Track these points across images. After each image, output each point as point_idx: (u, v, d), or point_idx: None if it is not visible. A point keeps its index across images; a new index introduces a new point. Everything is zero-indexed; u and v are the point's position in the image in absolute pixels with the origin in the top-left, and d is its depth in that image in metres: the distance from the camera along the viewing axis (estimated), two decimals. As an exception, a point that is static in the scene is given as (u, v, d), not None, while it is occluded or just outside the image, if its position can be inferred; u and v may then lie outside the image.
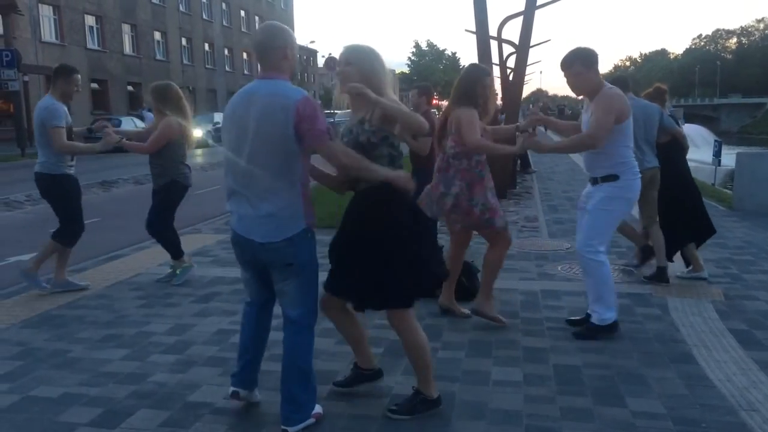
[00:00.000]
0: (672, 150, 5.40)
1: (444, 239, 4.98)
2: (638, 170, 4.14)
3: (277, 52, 2.81)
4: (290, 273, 2.83)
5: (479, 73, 4.29)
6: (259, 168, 2.74)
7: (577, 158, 4.63)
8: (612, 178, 4.05)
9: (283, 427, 2.87)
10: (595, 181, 4.16)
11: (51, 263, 5.26)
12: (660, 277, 5.29)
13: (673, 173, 5.35)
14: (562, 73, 4.09)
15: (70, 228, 5.22)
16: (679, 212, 5.36)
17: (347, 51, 3.04)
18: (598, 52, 4.03)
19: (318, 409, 3.00)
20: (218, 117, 30.38)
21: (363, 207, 2.96)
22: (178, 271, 5.58)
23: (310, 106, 2.71)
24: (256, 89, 2.80)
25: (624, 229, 5.42)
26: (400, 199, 2.91)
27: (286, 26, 2.93)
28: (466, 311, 4.47)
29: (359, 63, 2.97)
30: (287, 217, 2.78)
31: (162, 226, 5.53)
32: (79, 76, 5.28)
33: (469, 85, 4.21)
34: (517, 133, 4.25)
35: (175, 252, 5.61)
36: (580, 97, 4.22)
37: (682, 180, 5.47)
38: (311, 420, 2.94)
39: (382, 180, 2.86)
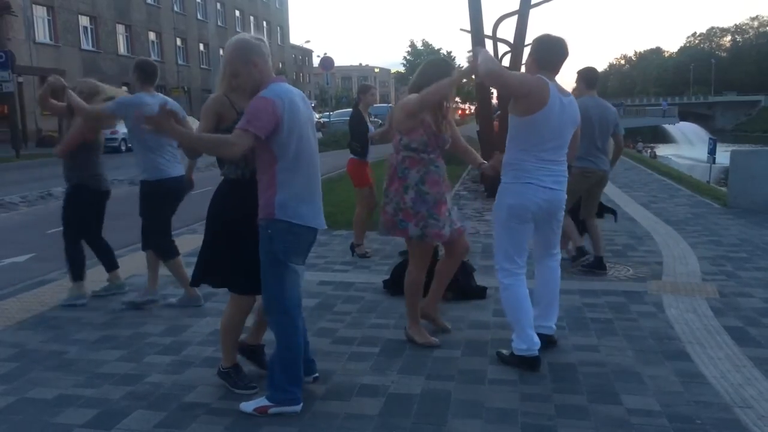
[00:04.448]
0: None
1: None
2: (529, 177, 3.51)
3: None
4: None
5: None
6: None
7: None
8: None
9: None
10: None
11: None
12: (599, 265, 5.60)
13: None
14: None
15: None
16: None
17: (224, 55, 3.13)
18: (557, 53, 3.51)
19: (261, 403, 3.06)
20: None
21: (216, 193, 3.27)
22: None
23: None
24: None
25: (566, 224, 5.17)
26: (237, 195, 3.16)
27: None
28: (447, 325, 4.21)
29: (236, 69, 3.06)
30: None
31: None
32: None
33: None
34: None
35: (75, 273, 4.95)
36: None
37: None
38: (253, 405, 3.08)
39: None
